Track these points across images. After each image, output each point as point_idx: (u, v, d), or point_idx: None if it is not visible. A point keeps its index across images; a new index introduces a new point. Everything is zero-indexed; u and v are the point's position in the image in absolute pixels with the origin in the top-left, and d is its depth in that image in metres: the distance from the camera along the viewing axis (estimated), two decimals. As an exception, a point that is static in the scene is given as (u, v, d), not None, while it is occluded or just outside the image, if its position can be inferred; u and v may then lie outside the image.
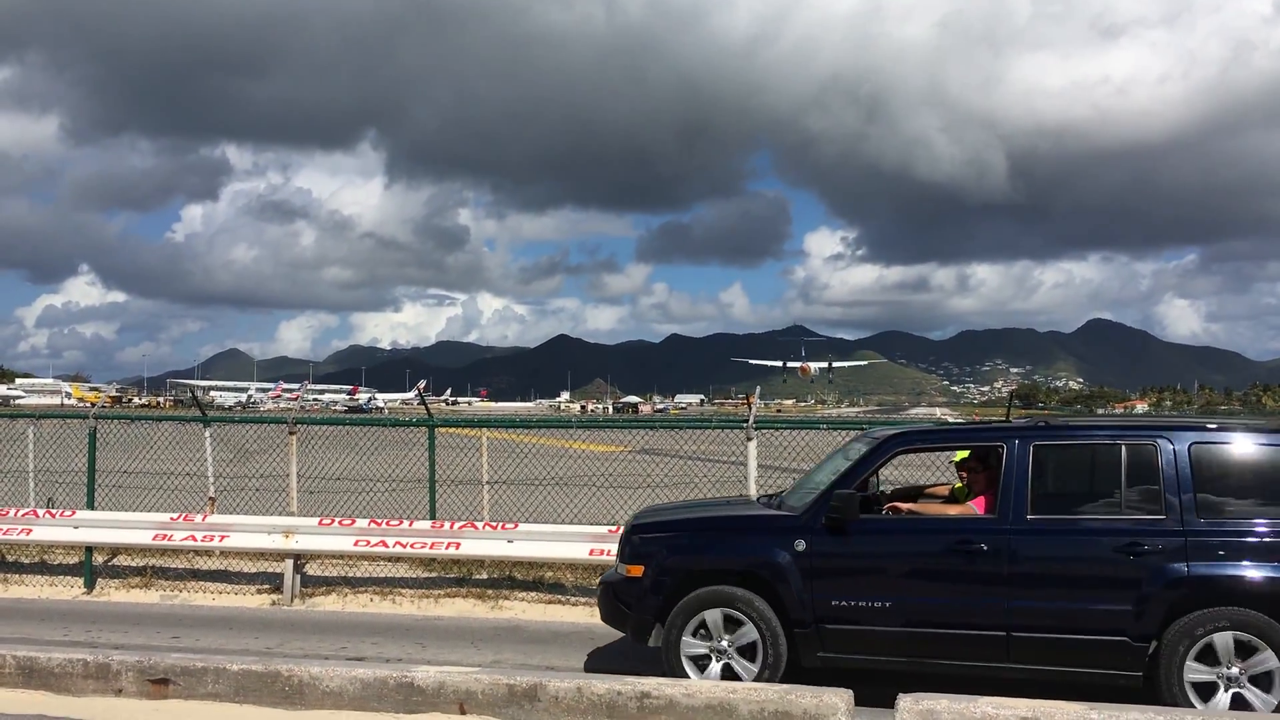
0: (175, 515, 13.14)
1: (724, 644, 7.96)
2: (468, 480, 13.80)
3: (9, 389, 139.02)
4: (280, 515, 13.24)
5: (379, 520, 12.63)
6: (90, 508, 13.65)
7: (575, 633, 10.86)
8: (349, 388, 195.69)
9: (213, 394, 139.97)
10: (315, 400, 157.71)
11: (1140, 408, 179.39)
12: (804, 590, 7.82)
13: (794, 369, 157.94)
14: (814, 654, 7.87)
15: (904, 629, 7.74)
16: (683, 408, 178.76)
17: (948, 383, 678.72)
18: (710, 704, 6.40)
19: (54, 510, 13.55)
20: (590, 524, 12.02)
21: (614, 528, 11.15)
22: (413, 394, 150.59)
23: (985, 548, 7.65)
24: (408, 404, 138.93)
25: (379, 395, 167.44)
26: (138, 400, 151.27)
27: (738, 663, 7.92)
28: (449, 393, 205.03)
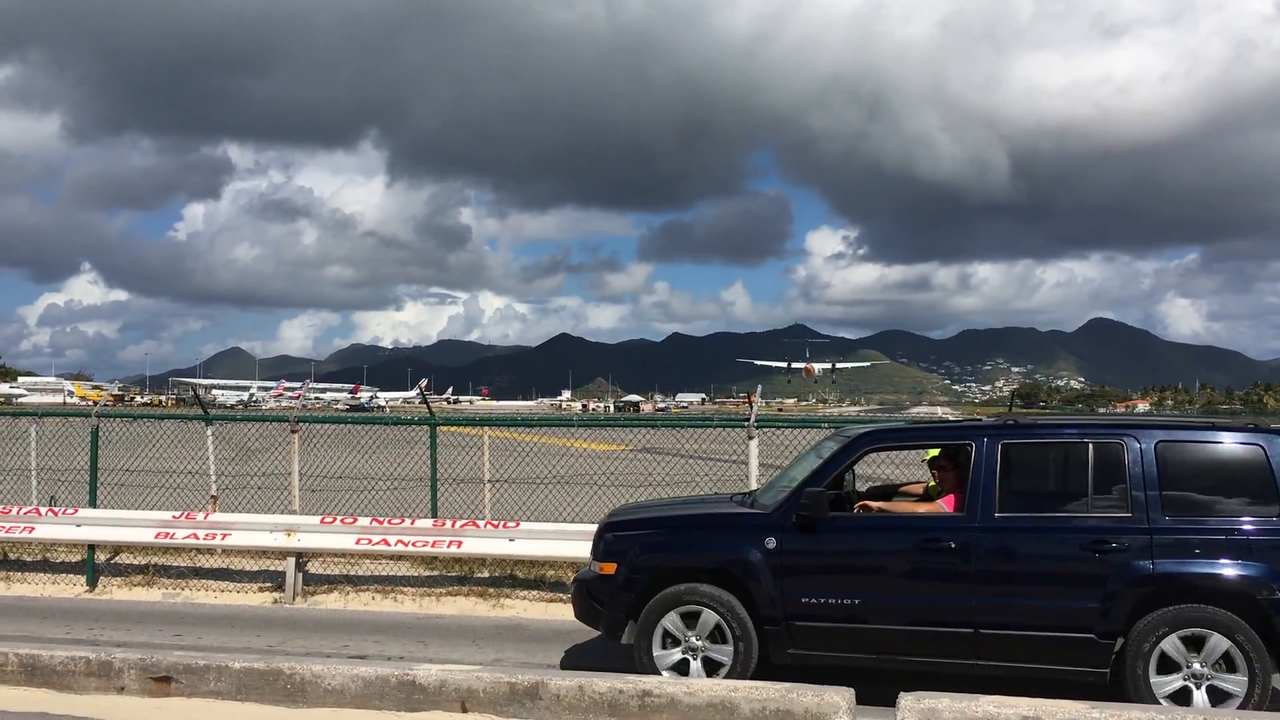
0: (177, 513, 13.15)
1: (696, 641, 8.02)
2: (469, 479, 13.81)
3: (11, 387, 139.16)
4: (282, 514, 13.24)
5: (381, 519, 12.63)
6: (92, 506, 13.66)
7: (577, 631, 10.85)
8: (351, 386, 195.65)
9: (215, 392, 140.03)
10: (317, 399, 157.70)
11: (1142, 407, 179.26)
12: (774, 588, 7.89)
13: (798, 370, 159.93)
14: (784, 651, 7.94)
15: (873, 626, 7.81)
16: (684, 406, 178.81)
17: (949, 382, 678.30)
18: (712, 702, 6.41)
19: (56, 509, 13.55)
20: (592, 523, 11.96)
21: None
22: (414, 393, 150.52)
23: (953, 545, 7.72)
24: (409, 403, 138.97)
25: (381, 394, 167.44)
26: (140, 399, 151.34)
27: (709, 660, 7.99)
28: (450, 391, 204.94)
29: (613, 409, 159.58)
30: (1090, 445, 7.80)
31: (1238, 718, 7.00)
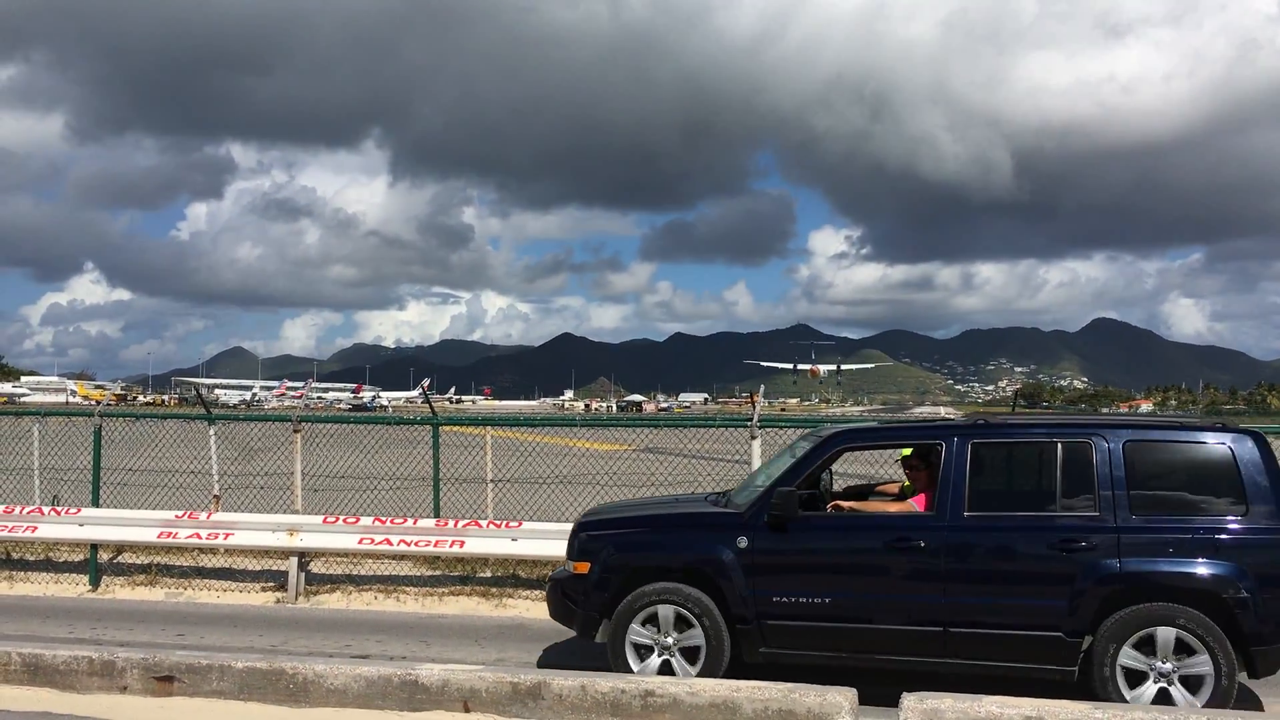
0: (180, 513, 13.16)
1: (668, 639, 8.08)
2: (472, 478, 13.81)
3: (14, 387, 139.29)
4: (285, 513, 13.25)
5: (383, 518, 12.64)
6: (95, 505, 13.67)
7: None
8: (353, 386, 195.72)
9: (217, 392, 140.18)
10: (319, 398, 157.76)
11: (1145, 407, 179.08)
12: (746, 586, 7.93)
13: (804, 371, 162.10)
14: (756, 650, 7.98)
15: (843, 624, 7.85)
16: (687, 406, 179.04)
17: (952, 382, 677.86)
18: (714, 702, 6.40)
19: (59, 508, 13.56)
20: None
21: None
22: (417, 392, 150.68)
23: (923, 544, 7.76)
24: (412, 402, 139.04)
25: (383, 394, 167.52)
26: (143, 398, 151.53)
27: (681, 658, 8.04)
28: (453, 391, 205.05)
29: (615, 409, 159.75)
30: (1059, 445, 7.83)
31: (1238, 718, 7.00)
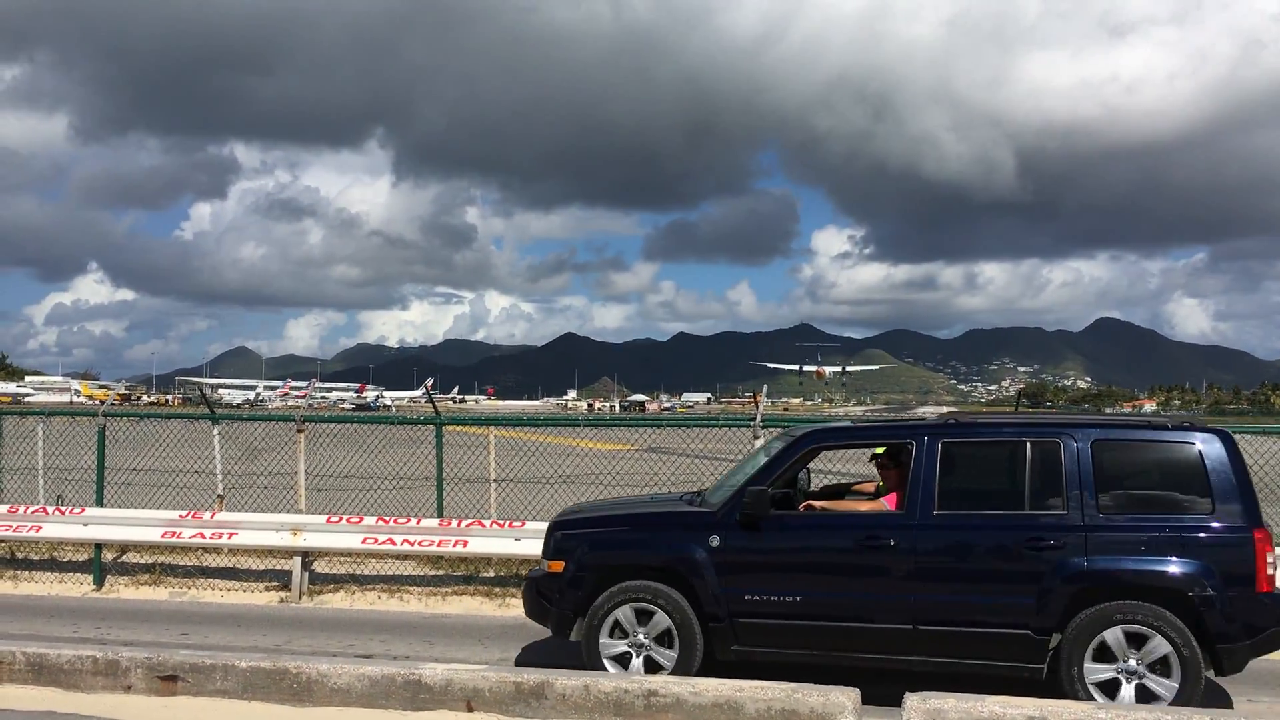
0: (184, 513, 13.18)
1: (642, 638, 8.13)
2: (475, 478, 13.81)
3: (19, 387, 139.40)
4: (288, 513, 13.26)
5: (387, 518, 12.65)
6: (99, 505, 13.69)
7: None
8: (357, 386, 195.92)
9: (221, 392, 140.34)
10: (323, 398, 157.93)
11: (1148, 407, 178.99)
12: (718, 585, 7.99)
13: (810, 372, 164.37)
14: (728, 647, 8.03)
15: (814, 622, 7.89)
16: (690, 406, 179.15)
17: (955, 381, 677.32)
18: (717, 702, 6.41)
19: (63, 507, 13.58)
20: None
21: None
22: (420, 392, 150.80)
23: (893, 543, 7.81)
24: (415, 402, 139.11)
25: (386, 393, 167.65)
26: (146, 398, 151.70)
27: (655, 656, 8.10)
28: (456, 391, 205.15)
29: (618, 408, 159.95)
30: (1028, 444, 7.89)
31: (1227, 717, 7.05)
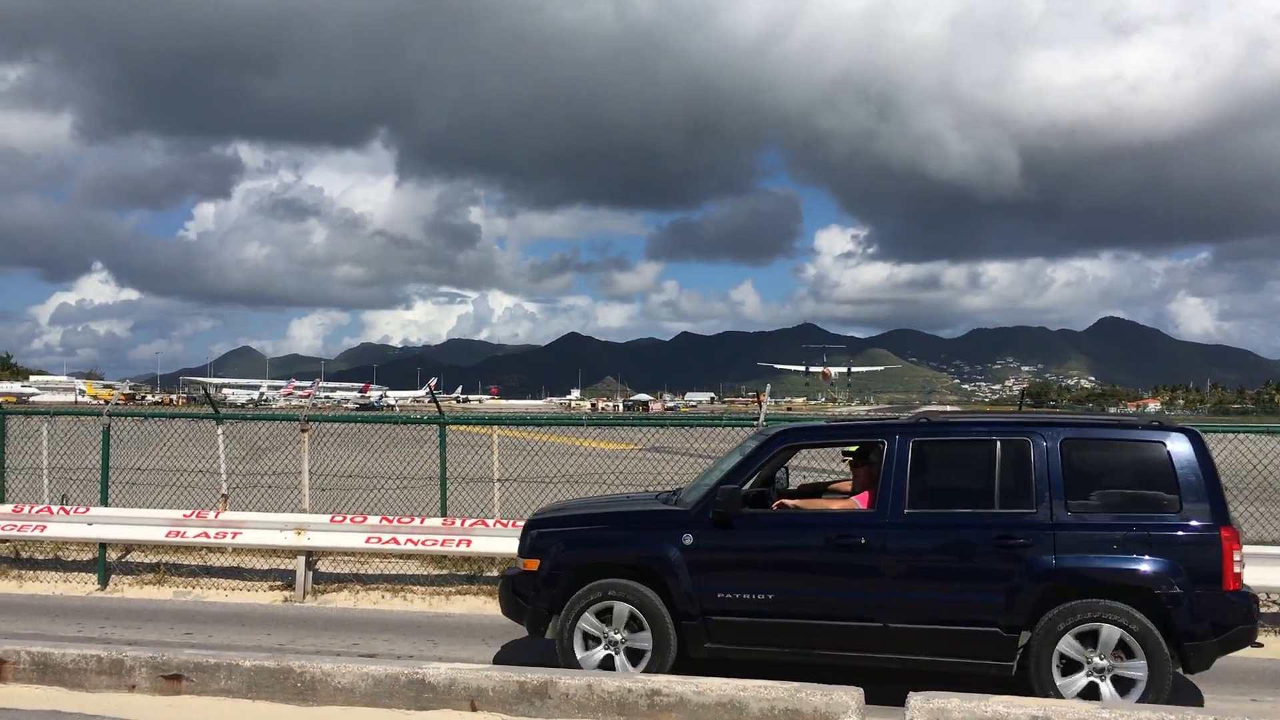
0: (188, 512, 13.21)
1: (615, 635, 8.19)
2: (479, 478, 13.82)
3: (23, 386, 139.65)
4: (292, 512, 13.28)
5: (390, 517, 12.67)
6: (104, 505, 13.70)
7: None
8: (360, 385, 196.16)
9: (225, 391, 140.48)
10: (327, 398, 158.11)
11: (1152, 406, 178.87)
12: (691, 583, 8.04)
13: (816, 373, 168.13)
14: (701, 645, 8.08)
15: (786, 620, 7.93)
16: (693, 405, 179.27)
17: (959, 381, 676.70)
18: (720, 701, 6.41)
19: (68, 507, 13.61)
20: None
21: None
22: (424, 392, 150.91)
23: (864, 541, 7.84)
24: (419, 401, 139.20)
25: (390, 393, 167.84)
26: (151, 398, 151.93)
27: (629, 653, 8.14)
28: (460, 390, 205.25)
29: (622, 408, 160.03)
30: (998, 443, 7.92)
31: (1243, 718, 7.03)
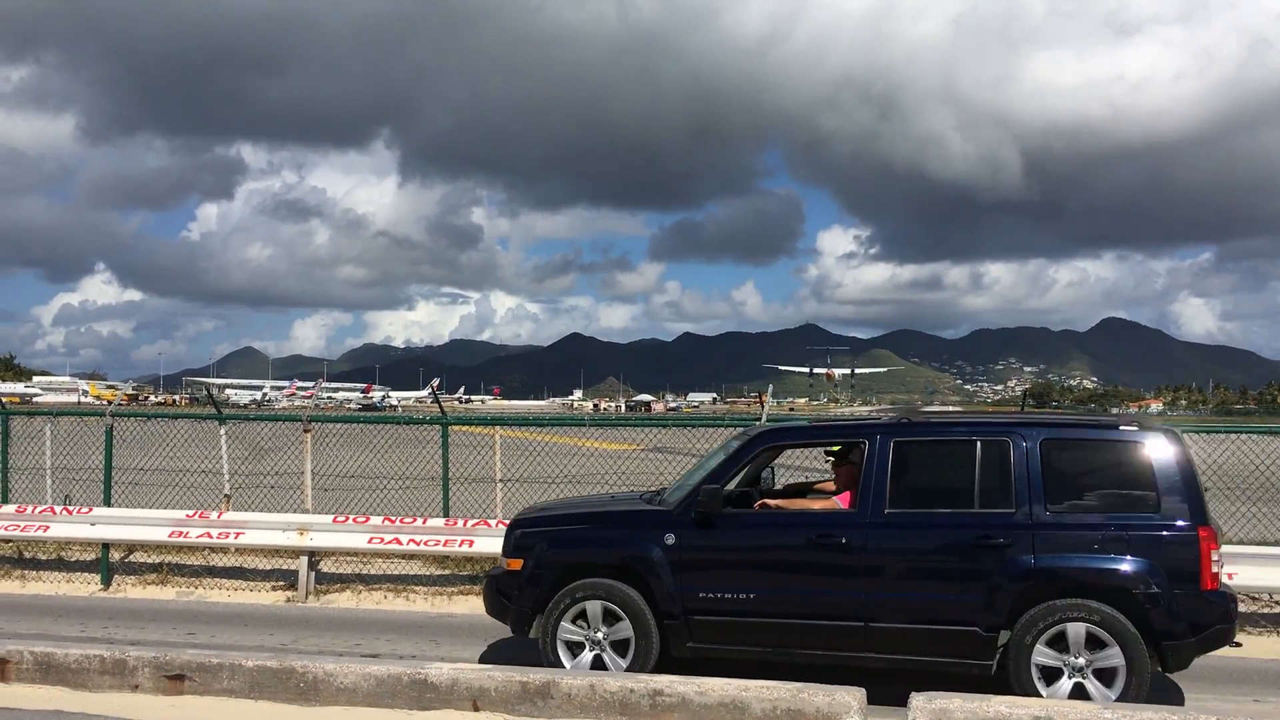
0: (191, 512, 13.22)
1: (599, 635, 8.21)
2: (481, 478, 13.82)
3: (26, 387, 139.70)
4: (295, 512, 13.29)
5: (393, 518, 12.68)
6: (107, 505, 13.72)
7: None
8: (363, 386, 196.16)
9: (228, 392, 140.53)
10: (329, 398, 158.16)
11: (1155, 407, 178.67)
12: (674, 582, 8.07)
13: (820, 375, 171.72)
14: (684, 644, 8.11)
15: (767, 619, 7.96)
16: (695, 406, 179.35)
17: (961, 381, 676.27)
18: (723, 702, 6.41)
19: (71, 507, 13.63)
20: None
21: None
22: (426, 392, 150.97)
23: (845, 541, 7.86)
24: (421, 402, 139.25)
25: (393, 393, 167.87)
26: (154, 398, 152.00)
27: (612, 653, 8.17)
28: (462, 391, 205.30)
29: (624, 408, 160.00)
30: (978, 443, 7.94)
31: (1245, 718, 7.03)
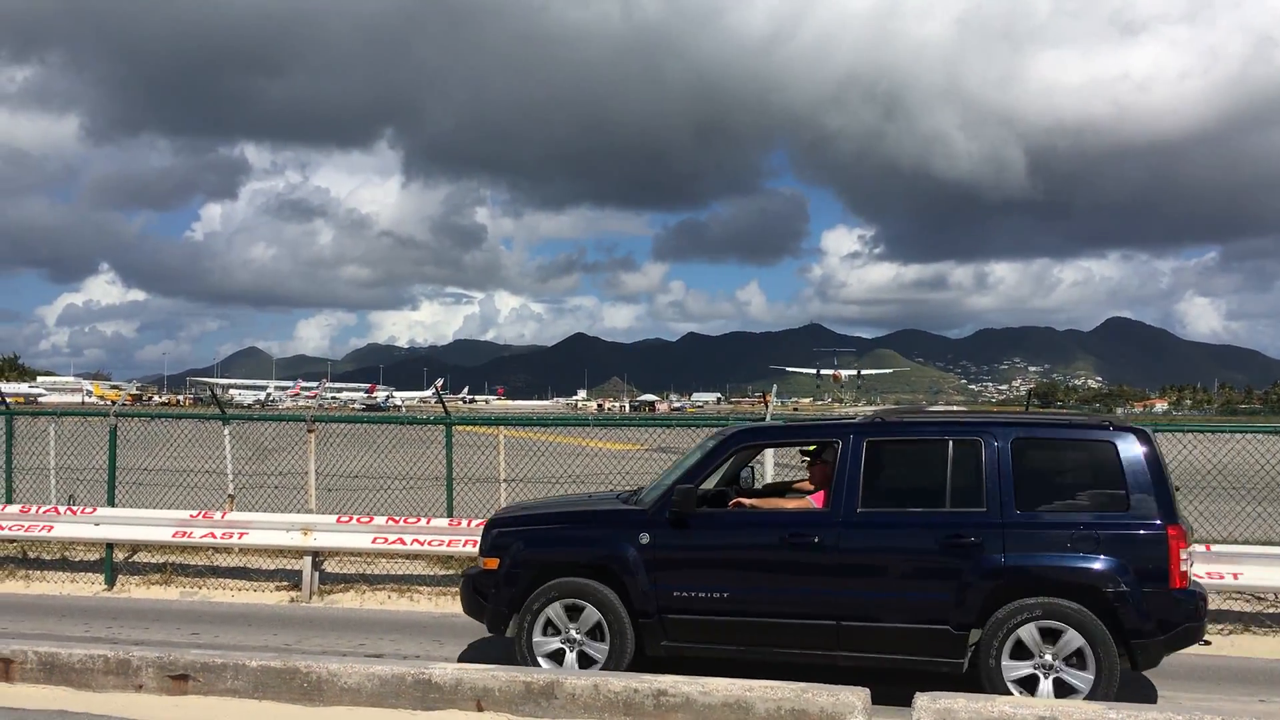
0: (195, 512, 13.23)
1: (574, 634, 8.24)
2: (485, 478, 13.83)
3: (30, 387, 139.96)
4: (299, 513, 13.30)
5: (397, 518, 12.68)
6: (111, 505, 13.73)
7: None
8: (367, 386, 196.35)
9: (232, 392, 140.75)
10: (333, 398, 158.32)
11: (1159, 407, 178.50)
12: (648, 581, 8.11)
13: (827, 376, 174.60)
14: (658, 643, 8.14)
15: (740, 618, 7.99)
16: (699, 406, 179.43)
17: (965, 381, 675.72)
18: (727, 702, 6.41)
19: (75, 507, 13.64)
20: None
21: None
22: (430, 392, 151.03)
23: (817, 540, 7.89)
24: (425, 402, 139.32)
25: (396, 393, 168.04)
26: (158, 398, 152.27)
27: (587, 651, 8.20)
28: (466, 391, 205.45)
29: (628, 408, 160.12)
30: (950, 442, 7.95)
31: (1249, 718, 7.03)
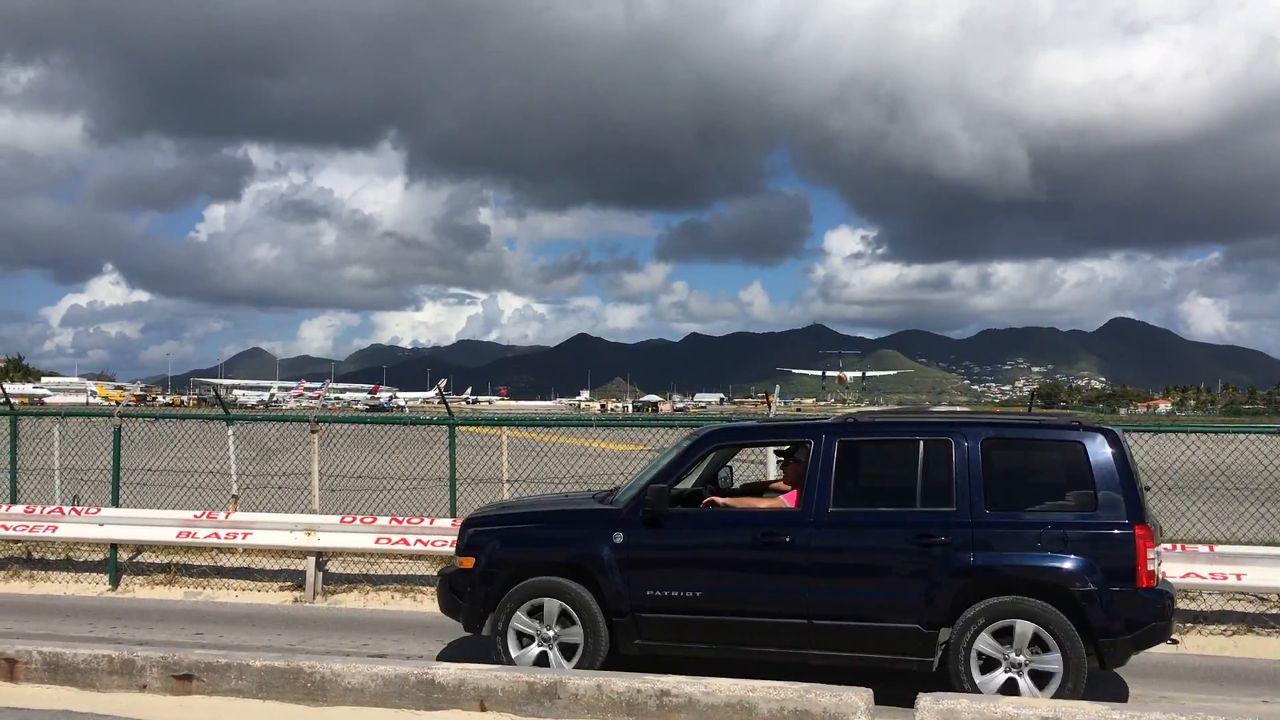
0: (199, 513, 13.24)
1: (549, 632, 8.29)
2: (488, 478, 13.84)
3: (35, 388, 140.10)
4: (302, 513, 13.30)
5: (400, 518, 12.68)
6: (115, 505, 13.75)
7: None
8: (370, 386, 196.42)
9: (235, 393, 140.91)
10: (337, 399, 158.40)
11: (1163, 407, 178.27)
12: (622, 580, 8.16)
13: (833, 378, 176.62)
14: (632, 642, 8.19)
15: (712, 617, 8.04)
16: (702, 406, 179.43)
17: (968, 382, 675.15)
18: (730, 702, 6.41)
19: (79, 508, 13.64)
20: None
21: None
22: (433, 393, 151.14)
23: (788, 539, 7.93)
24: (428, 403, 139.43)
25: (400, 394, 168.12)
26: (162, 399, 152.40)
27: (562, 649, 8.24)
28: (469, 391, 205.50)
29: (631, 409, 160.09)
30: (921, 443, 7.99)
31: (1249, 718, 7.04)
